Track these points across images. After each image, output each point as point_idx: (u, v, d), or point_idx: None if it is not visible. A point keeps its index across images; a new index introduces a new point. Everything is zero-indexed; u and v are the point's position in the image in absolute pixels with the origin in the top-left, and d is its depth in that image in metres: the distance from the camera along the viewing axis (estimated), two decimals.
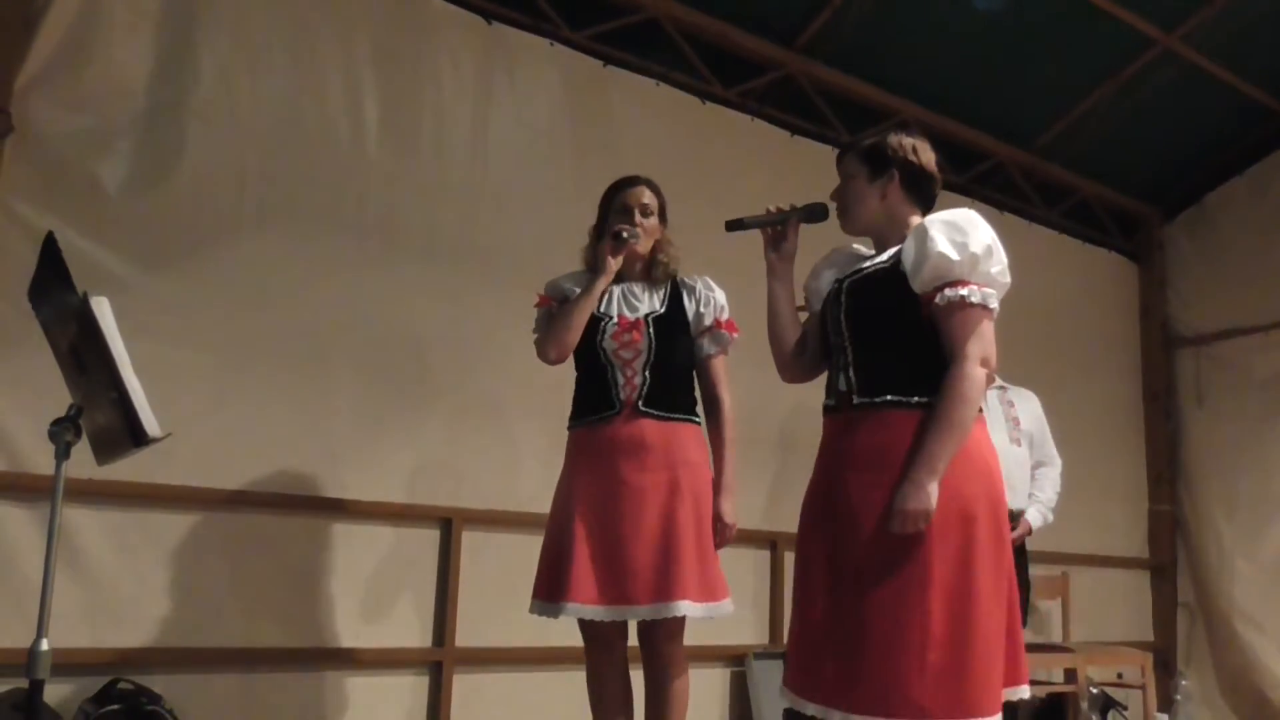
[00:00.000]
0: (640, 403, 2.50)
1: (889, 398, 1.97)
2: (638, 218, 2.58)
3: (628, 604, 2.39)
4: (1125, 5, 4.40)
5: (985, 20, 4.30)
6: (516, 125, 3.70)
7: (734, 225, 2.22)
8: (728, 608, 2.47)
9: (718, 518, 2.51)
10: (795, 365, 2.25)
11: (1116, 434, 5.57)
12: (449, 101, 3.57)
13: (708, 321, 2.58)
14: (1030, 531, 3.70)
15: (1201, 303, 5.66)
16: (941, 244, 1.95)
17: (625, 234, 2.54)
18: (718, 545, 2.50)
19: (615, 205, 2.61)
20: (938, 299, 1.95)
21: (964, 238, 1.96)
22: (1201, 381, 5.56)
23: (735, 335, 2.61)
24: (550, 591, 2.46)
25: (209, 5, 3.11)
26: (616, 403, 2.52)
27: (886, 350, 2.01)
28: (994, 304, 1.97)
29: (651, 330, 2.52)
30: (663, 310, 2.57)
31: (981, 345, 1.94)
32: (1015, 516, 3.54)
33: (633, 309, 2.58)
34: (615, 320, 2.55)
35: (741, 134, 4.28)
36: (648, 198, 2.62)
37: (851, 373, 2.02)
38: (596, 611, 2.41)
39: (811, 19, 4.28)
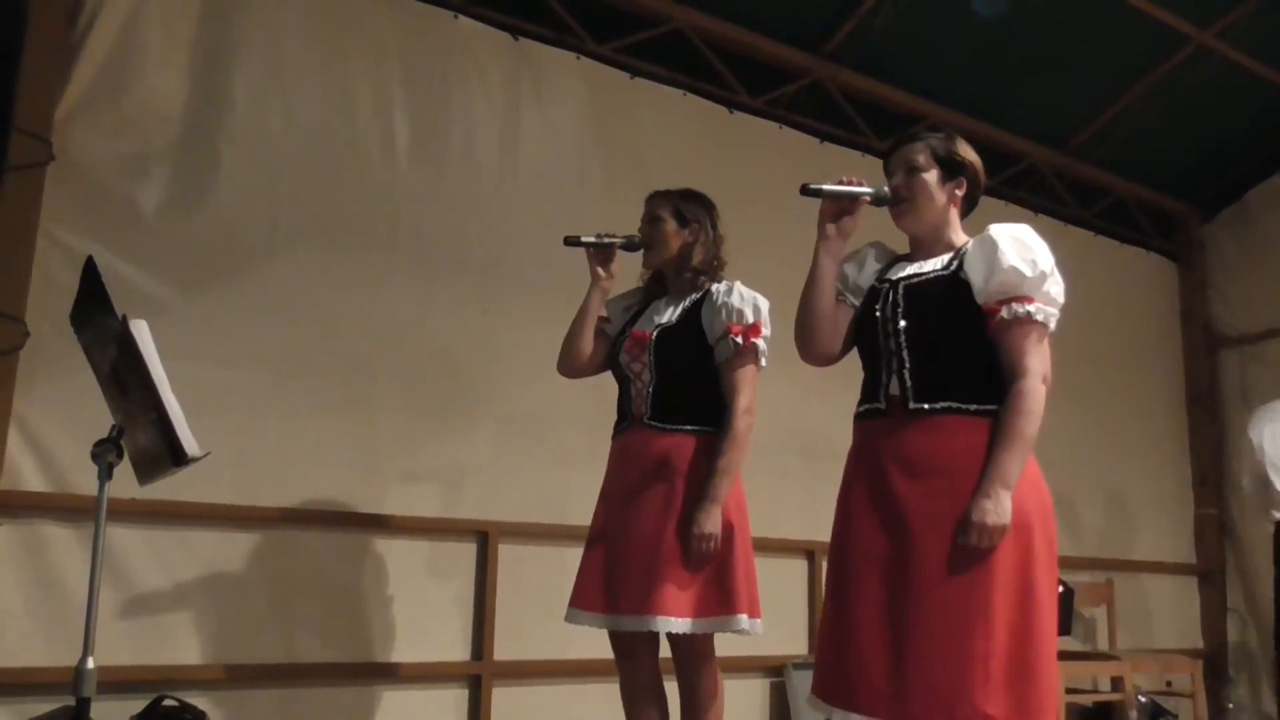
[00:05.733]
0: (646, 415, 2.51)
1: (947, 404, 1.97)
2: (644, 229, 2.61)
3: (617, 613, 2.40)
4: (1158, 2, 4.34)
5: (1015, 21, 4.26)
6: (545, 139, 3.72)
7: (811, 191, 2.11)
8: (739, 623, 2.37)
9: (690, 528, 2.36)
10: (825, 347, 2.20)
11: (1159, 438, 5.48)
12: (478, 117, 3.59)
13: (719, 328, 2.48)
14: None
15: (1245, 302, 5.55)
16: (1013, 258, 1.96)
17: (574, 239, 2.60)
18: (693, 557, 2.35)
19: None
20: (1003, 312, 1.96)
21: (1032, 255, 1.97)
22: (1247, 382, 5.44)
23: (755, 340, 2.46)
24: (570, 597, 2.51)
25: (241, 31, 3.16)
26: (629, 415, 2.56)
27: (944, 357, 2.01)
28: (1054, 324, 1.98)
29: (654, 344, 2.52)
30: (674, 322, 2.54)
31: (1042, 362, 1.96)
32: None
33: (650, 322, 2.58)
34: (629, 335, 2.58)
35: (770, 142, 4.27)
36: (654, 207, 2.62)
37: (907, 377, 2.01)
38: (593, 619, 2.44)
39: (839, 25, 4.27)
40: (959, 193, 2.13)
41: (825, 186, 2.10)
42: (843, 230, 2.15)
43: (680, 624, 2.33)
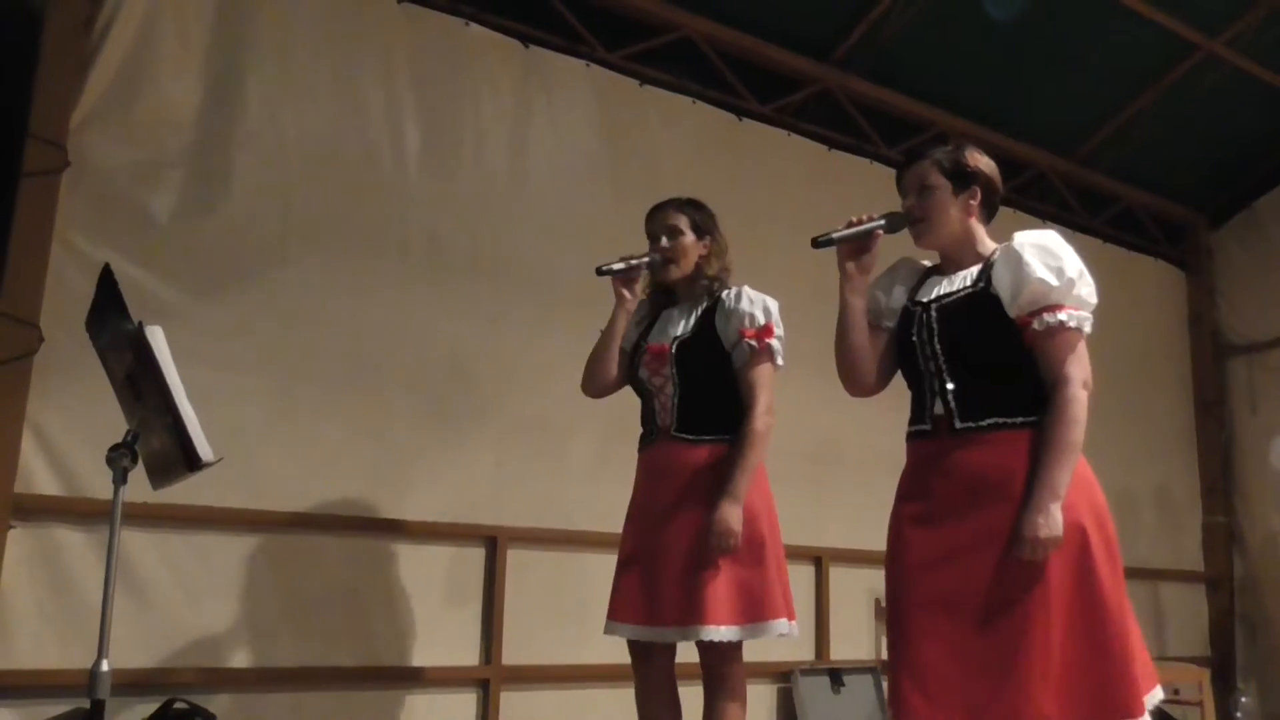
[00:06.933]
0: (673, 428, 2.52)
1: (994, 420, 1.98)
2: (664, 242, 2.58)
3: (660, 625, 2.42)
4: (1166, 11, 4.35)
5: (1024, 28, 4.27)
6: (555, 146, 3.74)
7: (821, 242, 2.07)
8: (778, 628, 2.40)
9: (711, 525, 2.37)
10: (867, 380, 2.21)
11: (1168, 445, 5.48)
12: (488, 124, 3.61)
13: (733, 335, 2.50)
14: None
15: (1253, 310, 5.55)
16: (1039, 269, 1.97)
17: (606, 268, 2.53)
18: (713, 554, 2.37)
19: (648, 234, 2.63)
20: (1035, 323, 1.97)
21: (1058, 262, 1.98)
22: (1255, 390, 5.45)
23: (769, 341, 2.49)
24: (608, 610, 2.53)
25: (254, 39, 3.18)
26: (655, 429, 2.57)
27: (985, 374, 2.02)
28: (1089, 327, 2.00)
29: (675, 357, 2.52)
30: (691, 333, 2.54)
31: (1081, 367, 1.98)
32: None
33: (666, 335, 2.58)
34: (645, 349, 2.58)
35: (779, 149, 4.28)
36: (671, 219, 2.60)
37: (950, 398, 2.02)
38: (634, 631, 2.47)
39: (847, 33, 4.28)
40: (973, 202, 2.12)
41: (835, 234, 2.09)
42: (863, 267, 2.15)
43: (725, 632, 2.35)
